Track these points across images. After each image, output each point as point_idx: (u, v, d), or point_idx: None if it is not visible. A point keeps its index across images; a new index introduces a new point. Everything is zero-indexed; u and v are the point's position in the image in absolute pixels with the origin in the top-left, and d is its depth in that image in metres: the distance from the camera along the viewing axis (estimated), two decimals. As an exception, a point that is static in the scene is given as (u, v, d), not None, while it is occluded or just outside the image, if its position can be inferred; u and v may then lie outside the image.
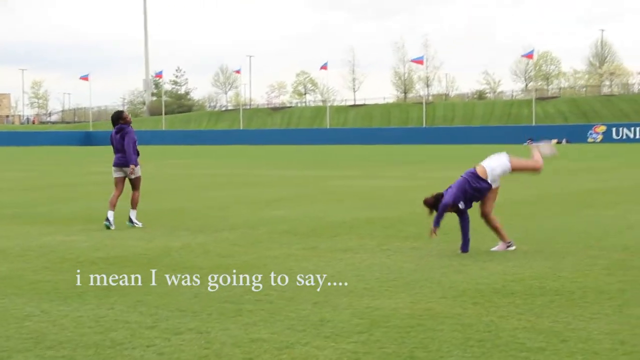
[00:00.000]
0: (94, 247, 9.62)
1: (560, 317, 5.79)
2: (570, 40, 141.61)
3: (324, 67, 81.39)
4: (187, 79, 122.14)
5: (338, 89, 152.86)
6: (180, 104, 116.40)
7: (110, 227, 11.29)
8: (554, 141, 63.42)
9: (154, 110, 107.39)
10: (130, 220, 11.57)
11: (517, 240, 9.30)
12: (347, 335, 5.39)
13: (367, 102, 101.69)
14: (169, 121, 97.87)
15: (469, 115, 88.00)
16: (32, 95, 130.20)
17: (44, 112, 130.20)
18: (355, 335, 5.37)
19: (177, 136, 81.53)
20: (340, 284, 7.09)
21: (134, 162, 11.67)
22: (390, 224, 11.39)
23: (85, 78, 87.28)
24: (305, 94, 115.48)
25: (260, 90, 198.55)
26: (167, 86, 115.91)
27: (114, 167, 11.89)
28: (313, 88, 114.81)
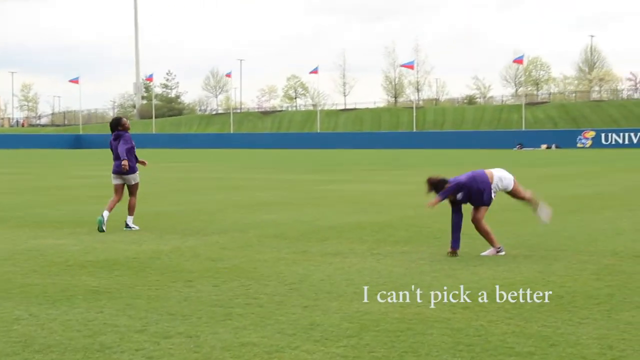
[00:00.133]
0: (83, 250, 9.60)
1: (549, 322, 5.81)
2: (560, 46, 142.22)
3: (315, 71, 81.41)
4: (177, 82, 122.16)
5: (329, 93, 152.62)
6: (170, 107, 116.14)
7: (102, 224, 11.27)
8: (544, 146, 63.69)
9: (144, 114, 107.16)
10: (127, 226, 11.55)
11: (507, 245, 9.34)
12: (337, 339, 5.40)
13: (358, 106, 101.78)
14: (159, 124, 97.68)
15: (459, 120, 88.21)
16: (22, 98, 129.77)
17: (33, 115, 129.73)
18: (345, 339, 5.38)
19: (168, 140, 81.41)
20: (331, 287, 7.10)
21: (124, 156, 11.61)
22: (380, 229, 11.40)
23: (75, 81, 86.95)
24: (295, 98, 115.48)
25: (251, 94, 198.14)
26: (157, 89, 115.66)
27: (112, 174, 11.93)
28: (304, 92, 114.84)
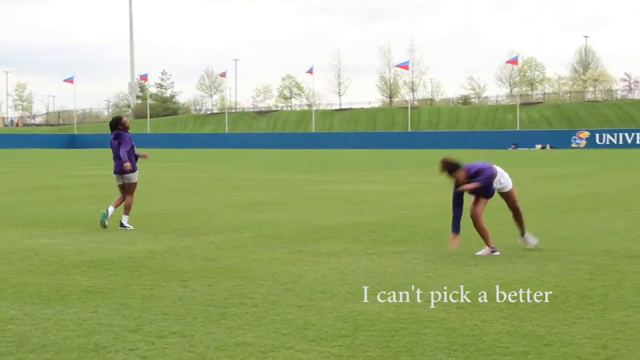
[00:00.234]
0: (77, 250, 9.58)
1: (544, 322, 5.83)
2: (555, 47, 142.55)
3: (310, 71, 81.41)
4: (172, 82, 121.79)
5: (324, 93, 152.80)
6: (165, 107, 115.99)
7: (105, 218, 11.46)
8: (539, 146, 63.82)
9: (139, 113, 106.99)
10: (122, 225, 11.55)
11: (501, 245, 9.35)
12: (331, 339, 5.40)
13: (353, 106, 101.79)
14: (154, 124, 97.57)
15: (454, 120, 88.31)
16: (17, 97, 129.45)
17: (28, 114, 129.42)
18: (340, 339, 5.38)
19: (162, 139, 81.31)
20: (325, 287, 7.10)
21: (126, 158, 11.71)
22: (375, 228, 11.41)
23: (69, 81, 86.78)
24: (291, 98, 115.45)
25: (246, 94, 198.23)
26: (152, 89, 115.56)
27: (114, 174, 12.01)
28: (299, 92, 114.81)
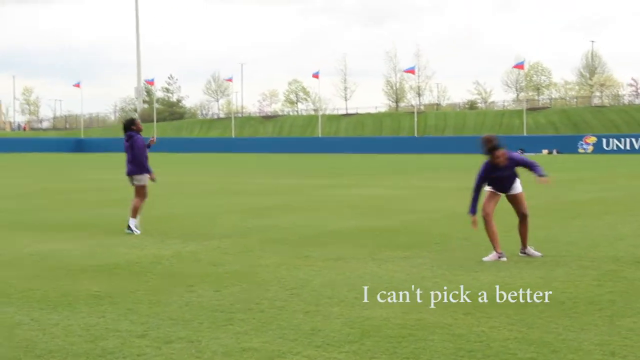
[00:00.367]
0: (85, 255, 9.60)
1: (551, 328, 5.81)
2: (561, 52, 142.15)
3: (316, 75, 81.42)
4: (179, 86, 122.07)
5: (330, 97, 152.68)
6: (172, 111, 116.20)
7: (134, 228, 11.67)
8: (545, 151, 63.71)
9: (145, 118, 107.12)
10: (129, 228, 11.57)
11: (508, 251, 9.32)
12: (338, 344, 5.39)
13: (359, 111, 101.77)
14: (160, 128, 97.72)
15: (460, 125, 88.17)
16: (23, 101, 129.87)
17: (35, 118, 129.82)
18: (347, 345, 5.37)
19: (169, 144, 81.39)
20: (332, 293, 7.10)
21: (147, 170, 11.87)
22: (381, 233, 11.40)
23: (77, 85, 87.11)
24: (297, 103, 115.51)
25: (252, 98, 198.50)
26: (159, 94, 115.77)
27: (127, 176, 12.12)
28: (305, 97, 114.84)
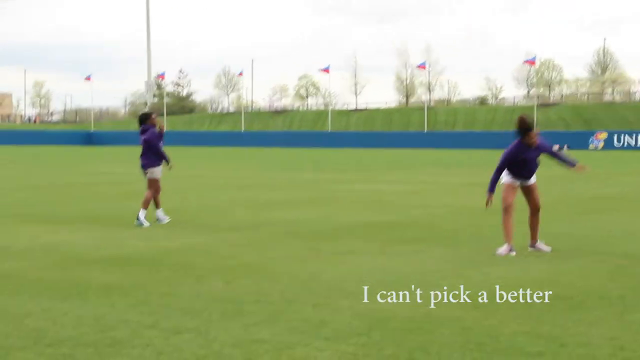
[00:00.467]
0: (96, 246, 9.64)
1: (560, 322, 5.80)
2: (573, 48, 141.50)
3: (326, 70, 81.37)
4: (189, 80, 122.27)
5: (340, 93, 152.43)
6: (182, 105, 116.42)
7: (158, 220, 11.99)
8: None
9: (155, 112, 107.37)
10: (138, 219, 11.63)
11: (518, 245, 9.30)
12: (347, 337, 5.40)
13: (369, 106, 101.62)
14: (170, 123, 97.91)
15: (470, 121, 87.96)
16: (34, 95, 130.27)
17: (45, 111, 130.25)
18: (355, 337, 5.38)
19: (179, 137, 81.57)
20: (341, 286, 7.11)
21: (160, 162, 12.16)
22: (391, 228, 11.40)
23: (88, 78, 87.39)
24: (307, 97, 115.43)
25: (262, 93, 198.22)
26: (169, 88, 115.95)
27: (141, 169, 12.30)
28: (315, 92, 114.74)
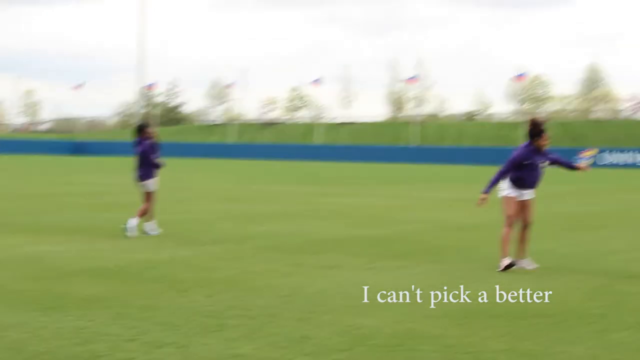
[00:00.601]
0: (77, 258, 9.58)
1: (541, 341, 5.81)
2: (561, 65, 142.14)
3: (316, 83, 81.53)
4: (180, 91, 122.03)
5: (329, 106, 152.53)
6: (172, 116, 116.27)
7: (152, 231, 12.08)
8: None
9: (150, 123, 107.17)
10: (127, 226, 11.67)
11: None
12: (328, 352, 5.39)
13: (359, 119, 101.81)
14: (159, 133, 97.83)
15: (459, 136, 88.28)
16: (24, 103, 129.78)
17: (34, 120, 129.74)
18: (337, 353, 5.37)
19: (168, 148, 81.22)
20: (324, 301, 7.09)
21: (153, 175, 12.50)
22: (376, 243, 11.39)
23: (77, 88, 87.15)
24: (297, 110, 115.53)
25: (252, 105, 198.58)
26: (159, 98, 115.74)
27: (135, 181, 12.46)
28: (305, 104, 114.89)
